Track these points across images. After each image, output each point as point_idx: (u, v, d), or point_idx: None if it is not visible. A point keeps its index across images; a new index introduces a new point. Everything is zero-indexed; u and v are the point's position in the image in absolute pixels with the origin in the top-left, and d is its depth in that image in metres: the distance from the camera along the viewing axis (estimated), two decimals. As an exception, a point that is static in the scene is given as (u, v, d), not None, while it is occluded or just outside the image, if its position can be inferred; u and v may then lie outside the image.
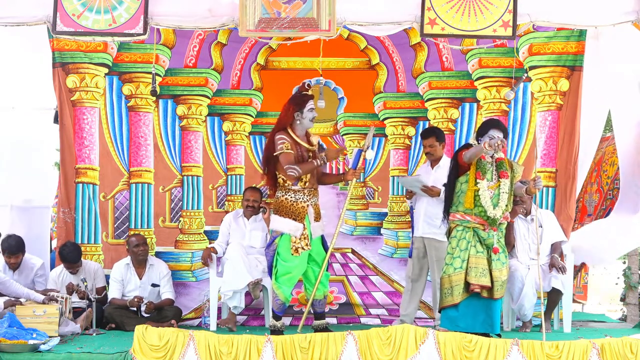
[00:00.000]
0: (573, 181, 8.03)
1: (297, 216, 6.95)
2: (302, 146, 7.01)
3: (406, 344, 6.10)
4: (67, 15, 6.64)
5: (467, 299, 6.70)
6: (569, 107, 8.06)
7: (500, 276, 6.74)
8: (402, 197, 8.43)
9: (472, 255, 6.70)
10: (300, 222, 6.94)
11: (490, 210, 6.70)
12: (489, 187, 6.74)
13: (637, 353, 6.06)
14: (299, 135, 7.03)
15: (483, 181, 6.72)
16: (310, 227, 6.98)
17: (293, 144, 6.96)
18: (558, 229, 7.76)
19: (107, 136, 8.33)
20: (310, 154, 7.01)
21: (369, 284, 8.43)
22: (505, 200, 6.76)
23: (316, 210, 7.04)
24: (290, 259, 6.92)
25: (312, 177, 6.99)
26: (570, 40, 8.02)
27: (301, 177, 6.91)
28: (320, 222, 7.10)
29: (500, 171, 6.81)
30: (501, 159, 6.87)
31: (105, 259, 8.26)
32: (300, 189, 6.98)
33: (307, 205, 6.97)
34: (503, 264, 6.78)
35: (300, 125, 7.03)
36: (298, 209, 6.96)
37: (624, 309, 9.29)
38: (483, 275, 6.67)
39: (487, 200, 6.68)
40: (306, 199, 6.98)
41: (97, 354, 6.28)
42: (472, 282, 6.64)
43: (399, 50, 8.45)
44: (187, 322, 8.05)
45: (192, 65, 8.40)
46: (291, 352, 6.15)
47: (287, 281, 6.95)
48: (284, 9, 6.62)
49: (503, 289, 6.79)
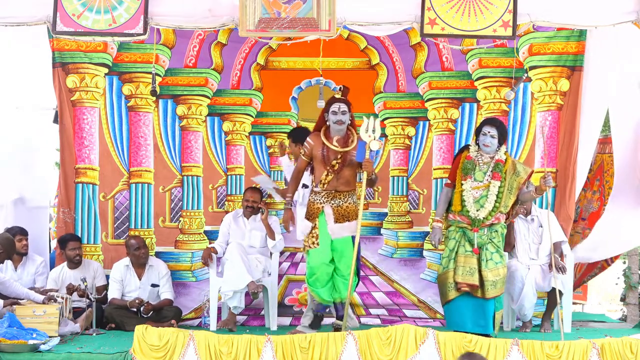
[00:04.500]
0: (573, 181, 8.03)
1: (310, 215, 7.02)
2: (330, 149, 6.97)
3: (406, 344, 6.10)
4: (67, 15, 6.64)
5: (460, 298, 6.82)
6: (569, 107, 8.06)
7: (491, 276, 6.76)
8: (402, 197, 8.44)
9: (461, 254, 6.83)
10: (312, 222, 6.98)
11: (472, 210, 6.83)
12: (476, 187, 6.86)
13: (637, 353, 6.06)
14: (330, 137, 7.00)
15: (467, 182, 6.88)
16: (327, 228, 6.96)
17: (318, 147, 6.96)
18: (558, 229, 7.76)
19: (107, 136, 8.32)
20: (340, 157, 6.94)
21: (369, 284, 8.43)
22: (492, 202, 6.82)
23: (339, 212, 6.97)
24: (311, 259, 6.96)
25: (334, 180, 6.96)
26: (571, 40, 8.02)
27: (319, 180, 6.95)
28: (347, 224, 6.98)
29: (494, 172, 6.85)
30: (500, 160, 6.89)
31: (105, 259, 8.25)
32: (319, 190, 7.00)
33: (323, 206, 6.97)
34: (497, 264, 6.80)
35: (331, 127, 7.02)
36: (313, 209, 7.01)
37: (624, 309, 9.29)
38: (470, 274, 6.77)
39: (470, 200, 6.84)
40: (322, 200, 6.98)
41: (97, 354, 6.28)
42: (459, 280, 6.79)
43: (399, 50, 8.45)
44: (187, 322, 8.04)
45: (192, 65, 8.40)
46: (291, 352, 6.15)
47: (315, 282, 6.95)
48: (284, 9, 6.62)
49: (496, 289, 6.80)
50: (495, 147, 6.93)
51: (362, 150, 6.84)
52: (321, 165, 6.97)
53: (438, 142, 8.40)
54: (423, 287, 8.30)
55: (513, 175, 6.90)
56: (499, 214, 6.87)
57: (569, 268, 7.61)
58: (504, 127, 7.12)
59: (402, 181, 8.50)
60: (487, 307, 6.81)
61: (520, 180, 6.93)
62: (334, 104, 6.99)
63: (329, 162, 6.95)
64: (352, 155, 6.95)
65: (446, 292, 6.90)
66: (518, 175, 6.91)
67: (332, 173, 6.95)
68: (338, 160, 6.95)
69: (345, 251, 6.98)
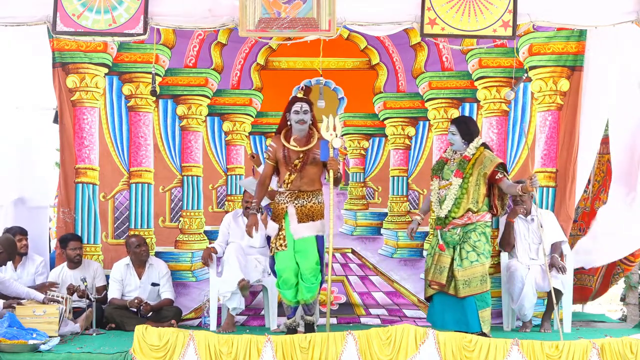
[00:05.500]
0: (573, 181, 8.02)
1: (276, 217, 6.92)
2: (290, 150, 6.85)
3: (406, 344, 6.10)
4: (67, 15, 6.64)
5: (440, 296, 6.92)
6: (569, 107, 8.05)
7: (463, 275, 6.78)
8: (402, 197, 8.44)
9: (437, 252, 6.92)
10: (278, 223, 6.89)
11: (437, 210, 6.95)
12: (443, 186, 6.96)
13: (637, 353, 6.05)
14: (291, 138, 6.89)
15: (434, 182, 7.04)
16: (290, 228, 6.86)
17: (279, 149, 6.86)
18: (558, 229, 7.76)
19: (107, 136, 8.32)
20: (302, 156, 6.82)
21: (369, 284, 8.43)
22: (451, 199, 6.86)
23: (302, 212, 6.84)
24: (278, 261, 6.86)
25: (297, 179, 6.83)
26: (571, 40, 8.01)
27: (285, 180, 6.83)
28: (311, 224, 6.85)
29: (456, 170, 6.89)
30: (466, 157, 6.90)
31: (105, 259, 8.25)
32: (283, 190, 6.89)
33: (287, 207, 6.88)
34: (472, 263, 6.81)
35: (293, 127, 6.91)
36: (278, 210, 6.90)
37: (624, 309, 9.28)
38: (439, 273, 6.87)
39: (435, 200, 6.98)
40: (286, 200, 6.87)
41: (97, 354, 6.28)
42: (429, 278, 6.94)
43: (399, 50, 8.45)
44: (187, 322, 8.04)
45: (192, 65, 8.41)
46: (291, 352, 6.15)
47: (283, 283, 6.87)
48: (284, 9, 6.62)
49: (470, 287, 6.79)
50: (460, 144, 6.95)
51: (326, 149, 6.70)
52: (284, 166, 6.87)
53: (438, 142, 8.41)
54: (423, 287, 8.27)
55: (480, 169, 6.87)
56: (470, 213, 6.84)
57: (569, 268, 7.61)
58: (467, 124, 7.06)
59: (402, 181, 8.50)
60: (465, 306, 6.81)
61: (486, 173, 6.86)
62: (296, 103, 6.87)
63: (290, 162, 6.85)
64: (314, 153, 6.84)
65: (425, 288, 7.07)
66: (485, 167, 6.88)
67: (294, 172, 6.84)
68: (300, 159, 6.85)
69: (307, 251, 6.82)
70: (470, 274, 6.80)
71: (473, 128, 7.05)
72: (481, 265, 6.84)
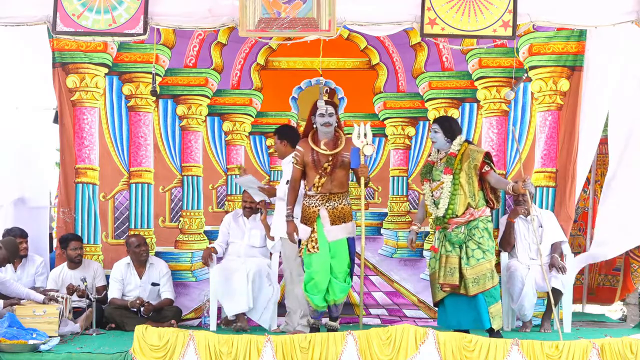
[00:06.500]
0: (573, 181, 8.02)
1: (307, 220, 6.98)
2: (320, 153, 6.95)
3: (406, 344, 6.10)
4: (67, 15, 6.65)
5: (451, 297, 6.86)
6: (569, 107, 8.05)
7: (472, 273, 6.76)
8: (402, 197, 8.44)
9: (443, 254, 6.87)
10: (310, 226, 6.95)
11: (434, 211, 6.91)
12: (435, 187, 6.93)
13: (637, 353, 6.06)
14: (319, 141, 6.98)
15: (425, 185, 7.02)
16: (324, 231, 6.95)
17: (307, 152, 6.94)
18: (558, 229, 7.76)
19: (107, 136, 8.32)
20: (331, 159, 6.92)
21: (369, 284, 8.43)
22: (447, 197, 6.83)
23: (334, 214, 6.96)
24: (313, 264, 6.93)
25: (328, 182, 6.94)
26: (571, 40, 8.01)
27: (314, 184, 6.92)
28: (343, 226, 6.99)
29: (445, 167, 6.88)
30: (452, 153, 6.89)
31: (105, 259, 8.25)
32: (313, 194, 6.97)
33: (319, 210, 6.95)
34: (478, 260, 6.79)
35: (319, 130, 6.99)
36: (309, 213, 6.98)
37: (624, 309, 9.29)
38: (451, 274, 6.81)
39: (429, 202, 6.95)
40: (317, 203, 6.95)
41: (97, 354, 6.29)
42: (441, 281, 6.86)
43: (399, 50, 8.45)
44: (187, 322, 8.04)
45: (192, 65, 8.40)
46: (291, 352, 6.15)
47: (313, 287, 6.94)
48: (284, 9, 6.62)
49: (479, 285, 6.77)
50: (442, 142, 6.93)
51: (357, 157, 6.88)
52: (313, 170, 6.95)
53: (438, 142, 8.40)
54: (423, 287, 8.29)
55: (469, 162, 6.86)
56: (470, 208, 6.84)
57: (569, 268, 7.61)
58: (450, 122, 7.05)
59: (402, 181, 8.50)
60: (476, 303, 6.80)
61: (477, 165, 6.84)
62: (321, 106, 6.97)
63: (320, 165, 6.93)
64: (343, 156, 6.95)
65: (435, 292, 6.97)
66: (474, 159, 6.87)
67: (325, 176, 6.94)
68: (330, 162, 6.94)
69: (340, 253, 6.99)
70: (478, 271, 6.79)
71: (455, 126, 7.05)
72: (488, 261, 6.83)
